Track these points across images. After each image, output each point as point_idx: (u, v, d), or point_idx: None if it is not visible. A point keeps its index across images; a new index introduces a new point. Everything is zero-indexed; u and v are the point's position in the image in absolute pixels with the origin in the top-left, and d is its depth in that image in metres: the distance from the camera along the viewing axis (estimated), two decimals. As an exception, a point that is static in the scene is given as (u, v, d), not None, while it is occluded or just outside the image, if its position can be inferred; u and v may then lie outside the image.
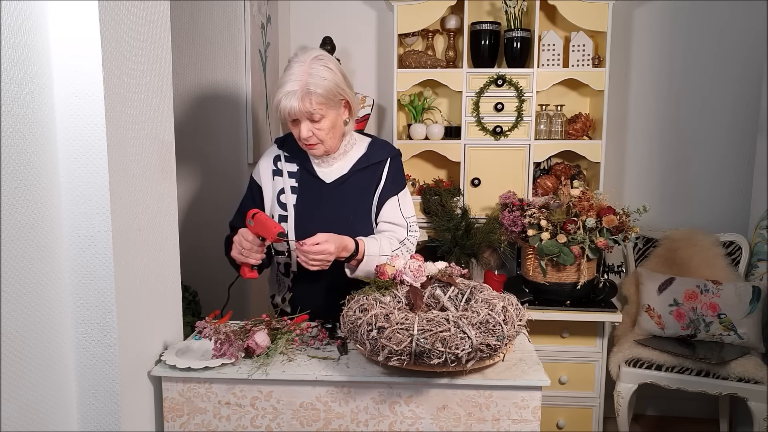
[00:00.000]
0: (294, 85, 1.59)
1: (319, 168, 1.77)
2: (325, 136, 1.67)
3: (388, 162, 1.79)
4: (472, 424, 1.38)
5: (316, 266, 1.58)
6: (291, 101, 1.60)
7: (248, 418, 1.41)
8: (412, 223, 1.82)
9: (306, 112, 1.61)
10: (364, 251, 1.67)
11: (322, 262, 1.58)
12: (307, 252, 1.56)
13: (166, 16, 1.47)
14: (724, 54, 2.95)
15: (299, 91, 1.59)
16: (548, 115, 2.85)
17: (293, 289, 1.80)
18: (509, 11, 2.72)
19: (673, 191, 3.07)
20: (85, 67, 1.21)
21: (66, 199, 1.25)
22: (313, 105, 1.61)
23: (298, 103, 1.60)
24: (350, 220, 1.73)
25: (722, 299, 2.60)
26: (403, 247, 1.77)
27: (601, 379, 2.62)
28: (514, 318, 1.35)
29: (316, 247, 1.56)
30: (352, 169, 1.77)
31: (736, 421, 2.86)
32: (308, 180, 1.77)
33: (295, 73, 1.60)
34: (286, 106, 1.60)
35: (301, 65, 1.61)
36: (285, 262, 1.80)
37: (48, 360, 1.22)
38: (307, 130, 1.64)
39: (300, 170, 1.78)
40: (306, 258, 1.57)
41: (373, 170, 1.78)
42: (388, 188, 1.79)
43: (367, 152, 1.79)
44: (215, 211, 2.54)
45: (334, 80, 1.63)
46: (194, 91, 2.51)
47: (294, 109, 1.60)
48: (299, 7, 3.08)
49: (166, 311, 1.52)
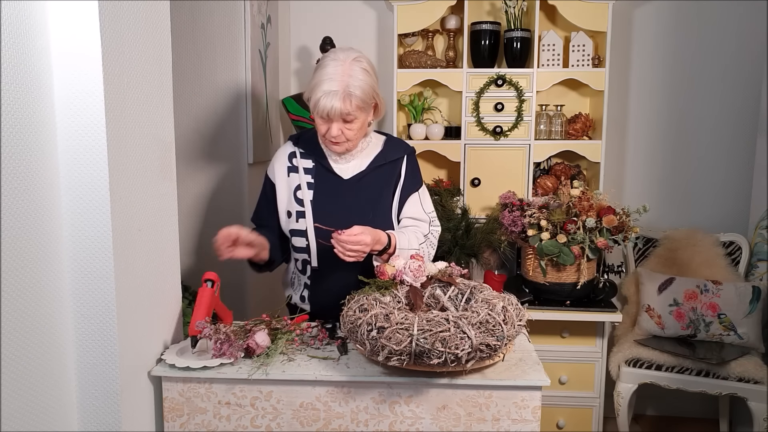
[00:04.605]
0: (334, 85, 1.60)
1: (336, 164, 1.78)
2: (353, 135, 1.69)
3: (405, 159, 1.83)
4: (472, 424, 1.38)
5: (351, 257, 1.59)
6: (333, 101, 1.60)
7: (248, 418, 1.41)
8: (433, 218, 1.87)
9: (344, 113, 1.63)
10: (396, 245, 1.69)
11: (358, 253, 1.59)
12: (344, 242, 1.57)
13: (166, 16, 1.47)
14: (724, 54, 2.95)
15: (341, 92, 1.60)
16: (548, 115, 2.85)
17: (311, 286, 1.81)
18: (509, 11, 2.72)
19: (673, 191, 3.07)
20: (85, 67, 1.21)
21: (66, 199, 1.25)
22: (352, 106, 1.62)
23: (340, 104, 1.61)
24: (370, 215, 1.75)
25: (722, 299, 2.60)
26: (427, 241, 1.81)
27: (601, 379, 2.62)
28: (514, 318, 1.35)
29: (353, 237, 1.57)
30: (370, 166, 1.79)
31: (736, 421, 2.86)
32: (325, 176, 1.78)
33: (336, 73, 1.61)
34: (327, 105, 1.61)
35: (341, 65, 1.62)
36: (303, 259, 1.80)
37: (48, 360, 1.22)
38: (337, 130, 1.66)
39: (316, 166, 1.79)
40: (342, 248, 1.58)
41: (390, 167, 1.81)
42: (408, 185, 1.82)
43: (384, 150, 1.81)
44: (215, 211, 2.54)
45: (371, 83, 1.66)
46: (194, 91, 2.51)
47: (335, 109, 1.61)
48: (299, 7, 3.08)
49: (166, 311, 1.52)
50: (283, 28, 2.97)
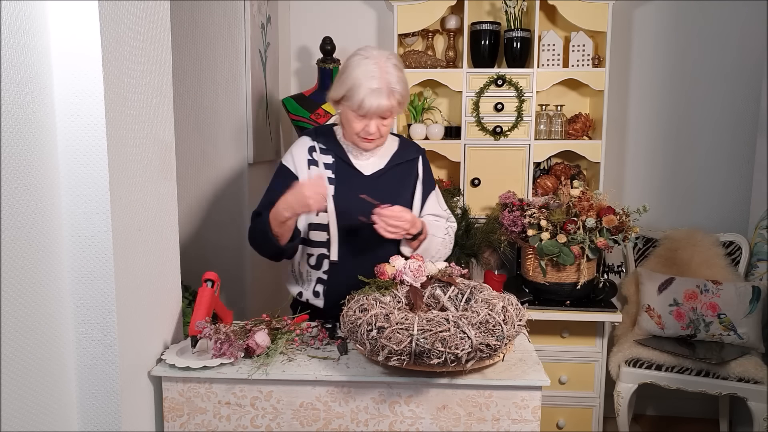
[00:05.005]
0: (376, 83, 1.63)
1: (357, 161, 1.80)
2: (386, 132, 1.73)
3: (420, 159, 1.88)
4: (472, 424, 1.38)
5: (392, 233, 1.63)
6: (380, 99, 1.63)
7: (248, 418, 1.41)
8: (449, 215, 1.92)
9: (388, 110, 1.66)
10: (426, 231, 1.75)
11: (399, 229, 1.63)
12: (388, 216, 1.61)
13: (166, 16, 1.47)
14: (724, 54, 2.95)
15: (384, 90, 1.64)
16: (548, 115, 2.85)
17: (327, 281, 1.79)
18: (509, 11, 2.72)
19: (673, 191, 3.06)
20: (85, 67, 1.21)
21: (66, 199, 1.25)
22: (393, 103, 1.66)
23: (387, 101, 1.64)
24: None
25: (722, 299, 2.60)
26: (447, 236, 1.86)
27: (601, 379, 2.62)
28: (514, 318, 1.35)
29: (397, 212, 1.62)
30: (389, 165, 1.82)
31: (736, 421, 2.86)
32: (346, 171, 1.79)
33: (375, 71, 1.64)
34: (373, 103, 1.64)
35: (377, 63, 1.65)
36: (319, 254, 1.79)
37: (48, 360, 1.22)
38: (375, 126, 1.69)
39: (336, 162, 1.80)
40: (384, 223, 1.61)
41: (407, 167, 1.85)
42: (427, 184, 1.88)
43: (399, 149, 1.86)
44: (215, 211, 2.54)
45: (405, 81, 1.70)
46: (194, 91, 2.51)
47: (382, 106, 1.64)
48: (299, 7, 3.08)
49: (166, 311, 1.52)
50: (283, 28, 2.97)
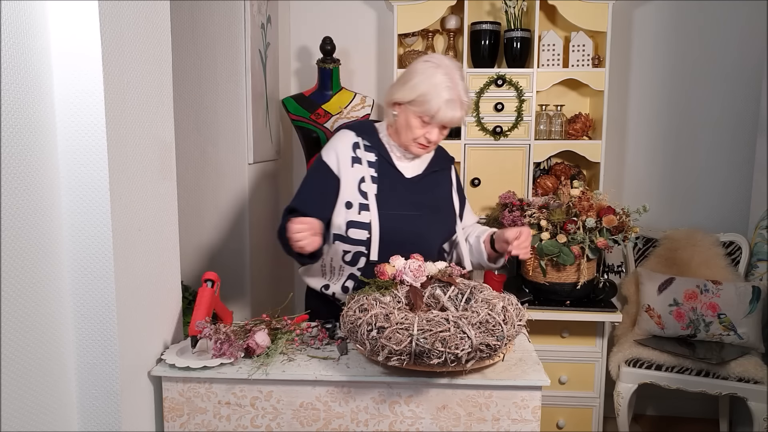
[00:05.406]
0: (452, 94, 1.65)
1: (400, 162, 1.81)
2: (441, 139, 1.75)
3: (452, 169, 1.92)
4: (472, 424, 1.38)
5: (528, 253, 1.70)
6: (454, 111, 1.66)
7: (248, 418, 1.41)
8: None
9: (458, 121, 1.69)
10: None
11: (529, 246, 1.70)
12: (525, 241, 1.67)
13: (166, 16, 1.47)
14: (724, 54, 2.95)
15: (457, 101, 1.66)
16: (548, 115, 2.85)
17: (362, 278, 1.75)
18: (509, 11, 2.72)
19: (673, 191, 3.06)
20: (85, 67, 1.21)
21: (66, 199, 1.25)
22: (463, 114, 1.69)
23: (459, 113, 1.67)
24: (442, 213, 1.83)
25: (722, 299, 2.60)
26: None
27: (601, 379, 2.62)
28: (514, 318, 1.35)
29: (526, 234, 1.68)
30: (427, 170, 1.84)
31: (736, 421, 2.86)
32: (388, 171, 1.79)
33: (448, 81, 1.65)
34: (448, 115, 1.66)
35: (449, 74, 1.66)
36: (356, 251, 1.74)
37: (48, 360, 1.22)
38: (437, 135, 1.71)
39: (379, 160, 1.79)
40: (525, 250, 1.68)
41: (442, 174, 1.88)
42: (461, 194, 1.93)
43: (436, 156, 1.87)
44: (215, 211, 2.54)
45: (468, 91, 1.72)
46: (194, 91, 2.51)
47: (455, 118, 1.68)
48: (299, 7, 3.08)
49: (166, 311, 1.53)
50: (283, 28, 2.97)
